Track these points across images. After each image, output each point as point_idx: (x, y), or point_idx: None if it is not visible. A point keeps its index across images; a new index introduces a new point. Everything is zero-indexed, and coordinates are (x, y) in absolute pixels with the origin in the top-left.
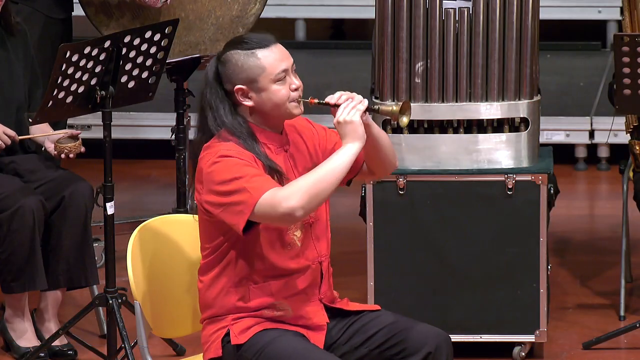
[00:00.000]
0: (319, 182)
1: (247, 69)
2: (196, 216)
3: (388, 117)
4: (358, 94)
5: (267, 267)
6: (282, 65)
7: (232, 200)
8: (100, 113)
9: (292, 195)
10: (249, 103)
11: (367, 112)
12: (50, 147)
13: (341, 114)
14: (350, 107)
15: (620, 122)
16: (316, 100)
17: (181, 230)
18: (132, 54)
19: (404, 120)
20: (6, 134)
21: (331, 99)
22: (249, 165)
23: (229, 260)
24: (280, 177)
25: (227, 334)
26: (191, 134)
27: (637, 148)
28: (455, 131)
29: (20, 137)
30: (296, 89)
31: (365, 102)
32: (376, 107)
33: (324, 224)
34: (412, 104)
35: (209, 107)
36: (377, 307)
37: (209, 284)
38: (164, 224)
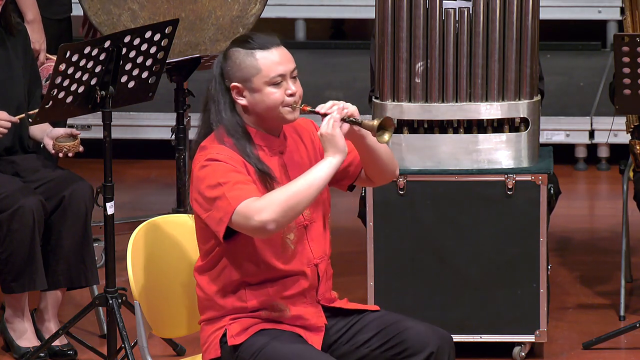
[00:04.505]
0: (294, 195)
1: (244, 67)
2: (192, 216)
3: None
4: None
5: (262, 269)
6: (279, 69)
7: (214, 206)
8: (100, 113)
9: (266, 208)
10: (242, 102)
11: (352, 125)
12: (49, 144)
13: (322, 126)
14: (330, 118)
15: (620, 122)
16: (308, 108)
17: (181, 230)
18: (132, 54)
19: (385, 137)
20: (3, 119)
21: (322, 108)
22: (235, 171)
23: (224, 264)
24: (271, 181)
25: (225, 334)
26: (191, 134)
27: (638, 148)
28: (455, 131)
29: (18, 117)
30: (292, 95)
31: (343, 113)
32: (359, 119)
33: (321, 225)
34: (412, 104)
35: (212, 101)
36: (376, 307)
37: (206, 285)
38: (164, 224)
